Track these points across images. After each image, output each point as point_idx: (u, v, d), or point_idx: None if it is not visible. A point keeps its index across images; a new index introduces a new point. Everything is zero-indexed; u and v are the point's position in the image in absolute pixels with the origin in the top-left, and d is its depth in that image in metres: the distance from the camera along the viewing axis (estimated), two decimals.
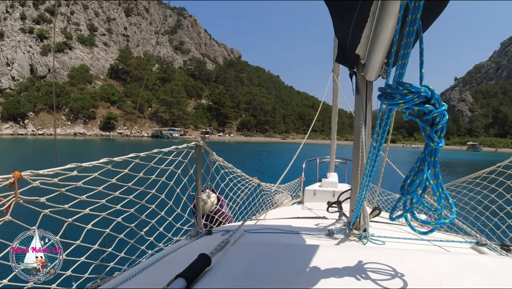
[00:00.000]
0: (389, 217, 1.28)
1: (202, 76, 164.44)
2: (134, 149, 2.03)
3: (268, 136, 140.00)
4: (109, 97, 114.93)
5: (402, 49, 0.96)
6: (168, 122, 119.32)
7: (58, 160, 1.91)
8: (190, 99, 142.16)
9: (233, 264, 1.50)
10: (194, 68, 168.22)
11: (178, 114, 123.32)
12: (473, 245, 2.05)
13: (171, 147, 2.22)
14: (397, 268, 1.38)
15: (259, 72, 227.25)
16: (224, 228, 2.48)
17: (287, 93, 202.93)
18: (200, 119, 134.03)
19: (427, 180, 1.05)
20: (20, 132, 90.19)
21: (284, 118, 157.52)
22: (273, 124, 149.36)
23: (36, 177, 1.38)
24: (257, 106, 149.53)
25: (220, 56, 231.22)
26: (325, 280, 1.28)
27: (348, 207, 2.30)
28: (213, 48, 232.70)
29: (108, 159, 1.70)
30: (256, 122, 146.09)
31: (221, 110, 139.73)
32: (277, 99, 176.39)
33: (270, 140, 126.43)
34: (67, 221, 1.60)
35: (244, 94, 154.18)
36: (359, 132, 1.99)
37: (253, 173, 4.02)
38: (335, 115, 6.54)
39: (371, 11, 1.42)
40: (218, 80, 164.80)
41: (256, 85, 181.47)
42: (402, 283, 1.25)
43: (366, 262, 1.46)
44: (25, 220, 1.38)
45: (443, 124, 0.98)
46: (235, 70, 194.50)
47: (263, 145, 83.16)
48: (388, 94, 1.00)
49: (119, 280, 1.61)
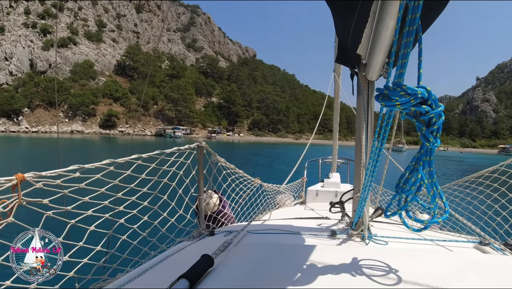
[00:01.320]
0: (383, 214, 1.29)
1: (214, 74, 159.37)
2: (134, 150, 2.03)
3: (280, 136, 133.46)
4: (112, 94, 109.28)
5: (402, 49, 0.97)
6: (174, 121, 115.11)
7: (60, 161, 1.92)
8: (200, 97, 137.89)
9: (236, 265, 1.50)
10: (206, 66, 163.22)
11: (184, 112, 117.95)
12: (476, 245, 2.05)
13: (173, 148, 2.23)
14: (400, 268, 1.38)
15: (274, 70, 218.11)
16: (227, 228, 2.49)
17: (302, 92, 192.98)
18: (208, 117, 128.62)
19: (422, 179, 1.06)
20: (12, 130, 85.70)
21: (298, 117, 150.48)
22: (287, 123, 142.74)
23: (39, 179, 1.39)
24: (269, 105, 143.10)
25: (235, 55, 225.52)
26: (328, 281, 1.28)
27: (350, 207, 2.29)
28: (227, 46, 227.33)
29: (110, 160, 1.72)
30: (269, 122, 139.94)
31: (232, 108, 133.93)
32: (292, 98, 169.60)
33: (281, 140, 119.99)
34: (70, 223, 1.61)
35: (257, 93, 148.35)
36: (361, 132, 1.99)
37: (255, 176, 4.03)
38: (336, 116, 6.54)
39: (371, 11, 1.42)
40: (231, 78, 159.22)
41: (270, 84, 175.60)
42: (405, 283, 1.25)
43: (369, 262, 1.46)
44: (28, 221, 1.38)
45: (439, 125, 0.99)
46: (249, 69, 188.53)
47: (272, 147, 76.45)
48: (386, 95, 1.01)
49: (122, 281, 1.61)
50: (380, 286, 1.24)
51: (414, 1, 0.90)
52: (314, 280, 1.28)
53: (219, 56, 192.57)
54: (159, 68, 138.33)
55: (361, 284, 1.25)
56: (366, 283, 1.27)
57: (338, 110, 6.46)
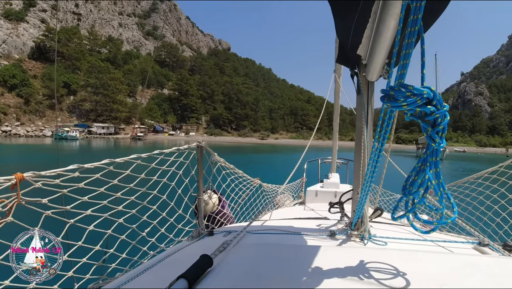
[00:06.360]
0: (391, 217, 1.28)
1: (174, 64, 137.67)
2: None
3: (242, 135, 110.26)
4: (6, 81, 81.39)
5: (404, 50, 0.96)
6: (90, 116, 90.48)
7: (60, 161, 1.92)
8: (148, 88, 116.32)
9: (235, 265, 1.50)
10: (165, 55, 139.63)
11: (105, 104, 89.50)
12: (475, 246, 2.05)
13: (173, 148, 2.23)
14: (399, 268, 1.38)
15: (248, 63, 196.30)
16: (226, 228, 2.48)
17: (279, 86, 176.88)
18: (148, 112, 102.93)
19: (429, 180, 1.05)
20: None
21: (271, 112, 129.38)
22: (255, 119, 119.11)
23: (38, 178, 1.38)
24: (233, 96, 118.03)
25: (205, 47, 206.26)
26: (327, 281, 1.28)
27: (350, 208, 2.29)
28: (197, 37, 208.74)
29: (109, 160, 1.71)
30: (232, 118, 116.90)
31: (183, 101, 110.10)
32: (265, 91, 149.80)
33: (242, 141, 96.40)
34: (69, 222, 1.60)
35: (221, 84, 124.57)
36: (361, 132, 1.99)
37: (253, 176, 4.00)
38: (336, 116, 6.54)
39: (372, 11, 1.42)
40: (194, 69, 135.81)
41: (241, 76, 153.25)
42: (404, 284, 1.25)
43: (368, 262, 1.46)
44: (27, 221, 1.38)
45: (444, 125, 0.98)
46: (218, 60, 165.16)
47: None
48: (391, 96, 1.00)
49: (121, 281, 1.61)
50: (379, 287, 1.24)
51: (416, 1, 0.90)
52: (313, 280, 1.28)
53: (184, 46, 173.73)
54: (95, 52, 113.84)
55: (360, 285, 1.25)
56: (365, 283, 1.26)
57: (338, 111, 6.46)
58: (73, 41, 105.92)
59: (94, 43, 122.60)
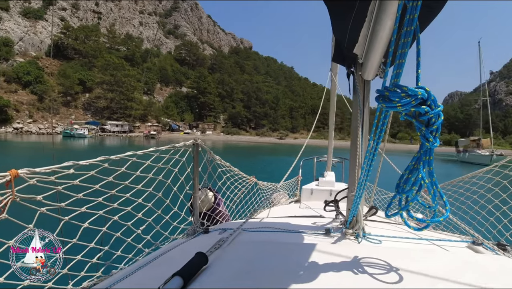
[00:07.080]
0: (384, 214, 1.29)
1: (194, 62, 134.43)
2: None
3: (260, 134, 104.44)
4: (20, 78, 79.28)
5: (400, 49, 0.97)
6: (105, 114, 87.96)
7: (55, 158, 1.91)
8: (167, 86, 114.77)
9: (230, 262, 1.50)
10: (185, 53, 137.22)
11: (119, 102, 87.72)
12: (469, 244, 2.06)
13: (168, 145, 2.22)
14: (393, 266, 1.39)
15: (269, 61, 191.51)
16: (221, 226, 2.49)
17: (300, 84, 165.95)
18: (164, 110, 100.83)
19: (423, 178, 1.07)
20: None
21: (291, 111, 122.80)
22: (274, 118, 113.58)
23: (33, 175, 1.38)
24: (251, 94, 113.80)
25: (227, 46, 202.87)
26: (321, 279, 1.28)
27: (345, 206, 2.30)
28: (218, 36, 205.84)
29: (105, 157, 1.71)
30: (252, 116, 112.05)
31: (201, 99, 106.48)
32: (286, 89, 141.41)
33: (259, 141, 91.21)
34: (64, 219, 1.60)
35: (241, 82, 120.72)
36: (356, 131, 1.99)
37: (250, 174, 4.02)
38: (332, 115, 6.55)
39: (369, 11, 1.43)
40: (214, 67, 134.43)
41: (262, 75, 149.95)
42: (398, 282, 1.26)
43: (363, 260, 1.47)
44: (22, 218, 1.37)
45: (438, 125, 1.00)
46: (238, 58, 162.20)
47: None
48: (386, 97, 1.01)
49: (116, 278, 1.61)
50: (373, 285, 1.24)
51: (413, 1, 0.90)
52: (308, 278, 1.28)
53: (205, 45, 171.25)
54: (114, 50, 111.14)
55: (354, 282, 1.26)
56: (359, 281, 1.27)
57: (334, 109, 6.47)
58: (91, 39, 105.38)
59: (113, 41, 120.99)
